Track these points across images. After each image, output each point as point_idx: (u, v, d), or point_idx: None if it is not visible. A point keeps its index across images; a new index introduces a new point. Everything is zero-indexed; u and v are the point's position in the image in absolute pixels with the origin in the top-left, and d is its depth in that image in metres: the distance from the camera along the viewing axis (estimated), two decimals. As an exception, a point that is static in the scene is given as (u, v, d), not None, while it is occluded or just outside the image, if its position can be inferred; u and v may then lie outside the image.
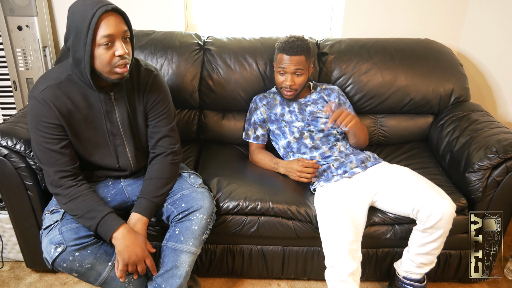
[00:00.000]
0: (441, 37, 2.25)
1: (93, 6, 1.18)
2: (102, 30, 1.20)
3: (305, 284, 1.80)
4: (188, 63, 1.98)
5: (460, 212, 1.60)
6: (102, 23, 1.19)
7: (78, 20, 1.19)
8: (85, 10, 1.19)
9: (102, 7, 1.19)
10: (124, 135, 1.44)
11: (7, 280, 1.78)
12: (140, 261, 1.33)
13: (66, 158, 1.32)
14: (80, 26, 1.19)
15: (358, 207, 1.52)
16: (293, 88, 1.77)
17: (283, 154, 1.87)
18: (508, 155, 1.54)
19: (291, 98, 1.83)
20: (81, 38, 1.19)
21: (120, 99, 1.40)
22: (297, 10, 2.37)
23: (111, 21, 1.21)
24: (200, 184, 1.53)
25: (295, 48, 1.72)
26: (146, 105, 1.46)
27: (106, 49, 1.22)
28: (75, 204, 1.31)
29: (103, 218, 1.29)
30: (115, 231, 1.29)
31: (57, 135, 1.31)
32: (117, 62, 1.25)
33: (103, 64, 1.24)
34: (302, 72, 1.75)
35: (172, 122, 1.52)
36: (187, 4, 2.29)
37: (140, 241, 1.33)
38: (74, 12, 1.21)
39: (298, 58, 1.72)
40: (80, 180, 1.35)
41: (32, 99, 1.30)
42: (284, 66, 1.74)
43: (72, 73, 1.32)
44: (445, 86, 2.00)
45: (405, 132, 2.08)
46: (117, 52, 1.23)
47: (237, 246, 1.71)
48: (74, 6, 1.23)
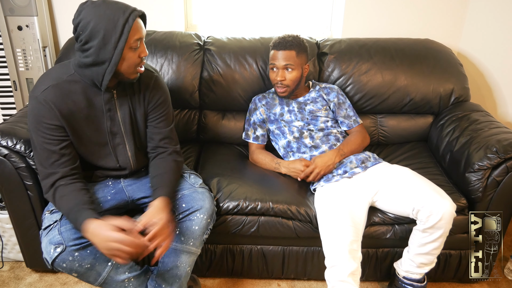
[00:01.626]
0: (441, 37, 2.25)
1: (124, 11, 1.23)
2: (134, 34, 1.25)
3: (305, 284, 1.80)
4: (188, 63, 1.98)
5: (460, 212, 1.60)
6: (133, 27, 1.24)
7: (106, 24, 1.21)
8: (115, 14, 1.21)
9: (134, 11, 1.25)
10: (125, 134, 1.44)
11: (7, 280, 1.78)
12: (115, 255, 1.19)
13: (65, 159, 1.32)
14: (109, 29, 1.21)
15: (358, 207, 1.52)
16: (284, 83, 1.77)
17: (283, 154, 1.87)
18: (508, 155, 1.54)
19: (285, 96, 1.82)
20: (110, 41, 1.22)
21: (122, 97, 1.40)
22: (297, 10, 2.37)
23: (139, 24, 1.28)
24: (201, 184, 1.54)
25: (284, 43, 1.73)
26: (147, 106, 1.46)
27: (134, 51, 1.28)
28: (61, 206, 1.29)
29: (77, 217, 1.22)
30: (83, 227, 1.20)
31: (58, 136, 1.31)
32: (140, 63, 1.32)
33: (130, 66, 1.30)
34: (293, 67, 1.75)
35: (171, 123, 1.53)
36: (187, 4, 2.29)
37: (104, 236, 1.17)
38: (99, 15, 1.21)
39: (288, 53, 1.73)
40: (72, 179, 1.32)
41: (33, 99, 1.29)
42: (274, 61, 1.75)
43: (74, 73, 1.32)
44: (445, 86, 2.00)
45: (405, 132, 2.08)
46: (142, 54, 1.31)
47: (237, 246, 1.71)
48: (98, 9, 1.22)
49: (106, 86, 1.30)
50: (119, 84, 1.38)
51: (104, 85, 1.29)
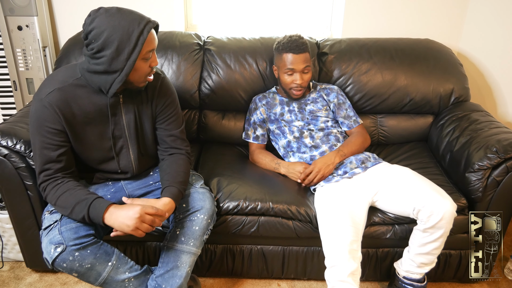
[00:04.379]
0: (441, 37, 2.25)
1: (139, 22, 1.22)
2: (148, 45, 1.25)
3: (305, 284, 1.80)
4: (188, 63, 1.98)
5: (460, 212, 1.60)
6: (148, 39, 1.24)
7: (121, 34, 1.20)
8: (130, 26, 1.21)
9: (149, 23, 1.24)
10: (129, 138, 1.44)
11: (7, 280, 1.78)
12: (140, 224, 1.26)
13: (60, 165, 1.32)
14: (124, 40, 1.20)
15: (358, 207, 1.52)
16: (303, 86, 1.78)
17: (283, 154, 1.87)
18: (508, 155, 1.54)
19: (299, 98, 1.84)
20: (124, 52, 1.21)
21: (127, 101, 1.40)
22: (297, 10, 2.37)
23: (153, 36, 1.28)
24: (201, 185, 1.54)
25: (300, 45, 1.74)
26: (156, 108, 1.46)
27: (146, 62, 1.28)
28: (63, 201, 1.29)
29: (91, 204, 1.26)
30: (105, 212, 1.25)
31: (57, 141, 1.31)
32: (150, 72, 1.32)
33: (141, 76, 1.30)
34: (309, 69, 1.78)
35: (182, 124, 1.54)
36: (187, 4, 2.29)
37: (130, 213, 1.25)
38: (114, 26, 1.20)
39: (304, 56, 1.75)
40: (67, 178, 1.34)
41: (38, 101, 1.29)
42: (293, 65, 1.74)
43: (81, 77, 1.32)
44: (445, 86, 2.01)
45: (405, 132, 2.08)
46: (153, 64, 1.31)
47: (237, 246, 1.71)
48: (112, 19, 1.21)
49: (113, 94, 1.30)
50: (125, 89, 1.38)
51: (111, 93, 1.29)
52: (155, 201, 1.35)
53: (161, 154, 1.53)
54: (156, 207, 1.29)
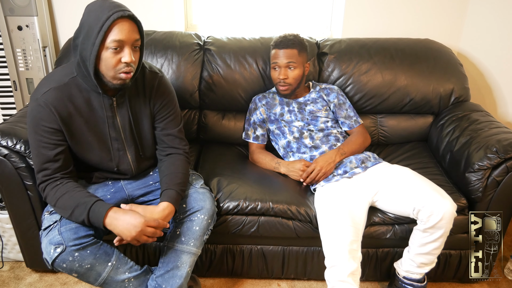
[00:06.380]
0: (441, 37, 2.25)
1: (110, 9, 1.19)
2: (113, 34, 1.20)
3: (305, 284, 1.80)
4: (188, 63, 1.98)
5: (460, 212, 1.60)
6: (115, 27, 1.20)
7: (92, 20, 1.20)
8: (102, 11, 1.20)
9: (119, 11, 1.19)
10: (125, 140, 1.43)
11: (7, 280, 1.78)
12: (140, 236, 1.26)
13: (57, 165, 1.32)
14: (92, 25, 1.20)
15: (358, 207, 1.52)
16: (286, 82, 1.78)
17: (283, 154, 1.87)
18: (508, 155, 1.54)
19: (287, 94, 1.83)
20: (91, 37, 1.20)
21: (122, 104, 1.39)
22: (297, 10, 2.37)
23: (124, 27, 1.21)
24: (202, 185, 1.54)
25: (286, 42, 1.76)
26: (154, 107, 1.46)
27: (114, 53, 1.23)
28: (62, 203, 1.28)
29: (90, 208, 1.25)
30: (105, 217, 1.25)
31: (54, 140, 1.31)
32: (122, 68, 1.25)
33: (108, 68, 1.25)
34: (295, 65, 1.76)
35: (180, 123, 1.53)
36: (187, 4, 2.29)
37: (132, 219, 1.25)
38: (90, 10, 1.22)
39: (290, 52, 1.75)
40: (66, 178, 1.33)
41: (34, 101, 1.29)
42: (276, 59, 1.76)
43: (76, 76, 1.32)
44: (445, 86, 2.01)
45: (405, 132, 2.08)
46: (123, 59, 1.24)
47: (237, 246, 1.71)
48: (92, 5, 1.24)
49: (96, 87, 1.28)
50: (119, 91, 1.36)
51: (93, 85, 1.28)
52: (154, 207, 1.34)
53: (159, 154, 1.53)
54: (158, 220, 1.29)
